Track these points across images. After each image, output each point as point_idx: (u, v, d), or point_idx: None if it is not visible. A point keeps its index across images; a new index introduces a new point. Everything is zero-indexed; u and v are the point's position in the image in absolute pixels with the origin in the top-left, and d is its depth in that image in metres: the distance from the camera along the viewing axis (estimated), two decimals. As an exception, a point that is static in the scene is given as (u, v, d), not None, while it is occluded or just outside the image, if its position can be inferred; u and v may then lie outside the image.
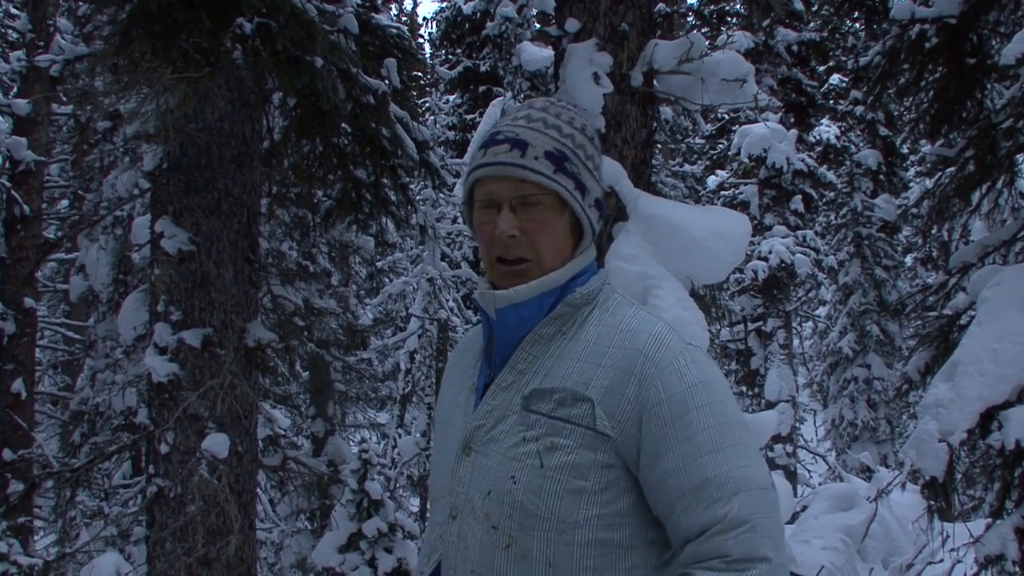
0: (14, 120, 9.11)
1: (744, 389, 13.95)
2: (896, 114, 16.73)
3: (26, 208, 8.75)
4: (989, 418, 3.68)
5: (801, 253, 12.54)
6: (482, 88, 18.44)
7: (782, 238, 12.75)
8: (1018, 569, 3.70)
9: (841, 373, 15.55)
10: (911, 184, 17.30)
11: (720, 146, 17.02)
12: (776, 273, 12.53)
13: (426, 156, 5.07)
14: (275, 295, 5.08)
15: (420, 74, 16.45)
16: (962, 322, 4.54)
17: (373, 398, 11.73)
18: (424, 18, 41.07)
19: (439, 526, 1.44)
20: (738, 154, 13.49)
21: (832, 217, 16.96)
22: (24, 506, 6.68)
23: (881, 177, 16.98)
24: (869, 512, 7.30)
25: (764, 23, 14.69)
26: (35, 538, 9.38)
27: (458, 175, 11.64)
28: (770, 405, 12.04)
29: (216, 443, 4.03)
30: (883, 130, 17.19)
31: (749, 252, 11.30)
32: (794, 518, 7.73)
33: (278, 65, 3.82)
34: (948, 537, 4.28)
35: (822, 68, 17.48)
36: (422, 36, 27.65)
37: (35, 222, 8.99)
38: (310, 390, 9.02)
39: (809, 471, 13.52)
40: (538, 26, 15.39)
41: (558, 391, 1.32)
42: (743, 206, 13.44)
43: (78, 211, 10.06)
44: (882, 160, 16.91)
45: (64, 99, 9.59)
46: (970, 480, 4.40)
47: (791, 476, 12.01)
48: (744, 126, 13.44)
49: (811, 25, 15.96)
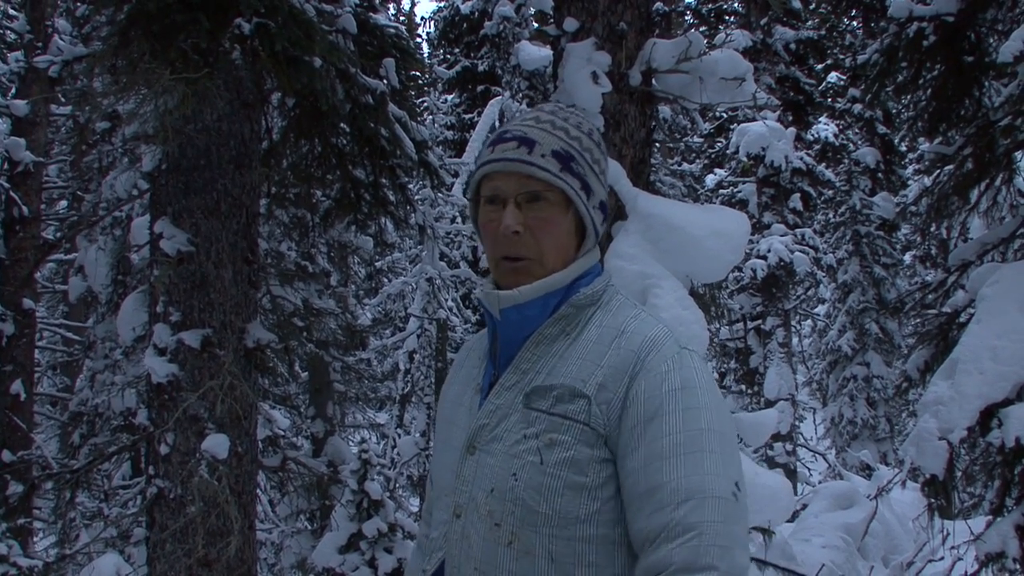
0: (13, 121, 9.12)
1: (743, 387, 13.96)
2: (894, 112, 16.77)
3: (25, 209, 8.75)
4: (989, 416, 3.68)
5: (800, 251, 12.55)
6: (480, 88, 18.40)
7: (781, 236, 12.77)
8: (1018, 567, 3.70)
9: (840, 371, 15.56)
10: (910, 182, 17.30)
11: (719, 145, 17.01)
12: (775, 271, 12.54)
13: (425, 156, 5.07)
14: (274, 295, 5.08)
15: (418, 74, 16.42)
16: (961, 320, 4.54)
17: (372, 398, 11.72)
18: (422, 18, 41.03)
19: (442, 525, 1.44)
20: (736, 152, 13.50)
21: (831, 215, 16.97)
22: (24, 507, 6.66)
23: (880, 175, 17.02)
24: (869, 510, 7.31)
25: (762, 21, 14.70)
26: (35, 539, 9.36)
27: (456, 175, 11.62)
28: (769, 403, 12.05)
29: (216, 444, 4.02)
30: (881, 128, 17.22)
31: (748, 250, 11.27)
32: (794, 516, 7.74)
33: (277, 65, 3.82)
34: (948, 535, 4.27)
35: (820, 66, 17.50)
36: (420, 36, 27.59)
37: (34, 223, 8.99)
38: (309, 390, 9.02)
39: (809, 469, 13.52)
40: (536, 25, 15.38)
41: (557, 388, 1.33)
42: (742, 205, 13.44)
43: (77, 212, 10.05)
44: (880, 158, 16.93)
45: (63, 100, 9.57)
46: (970, 478, 4.40)
47: (791, 474, 12.02)
48: (742, 124, 13.44)
49: (809, 23, 15.95)
